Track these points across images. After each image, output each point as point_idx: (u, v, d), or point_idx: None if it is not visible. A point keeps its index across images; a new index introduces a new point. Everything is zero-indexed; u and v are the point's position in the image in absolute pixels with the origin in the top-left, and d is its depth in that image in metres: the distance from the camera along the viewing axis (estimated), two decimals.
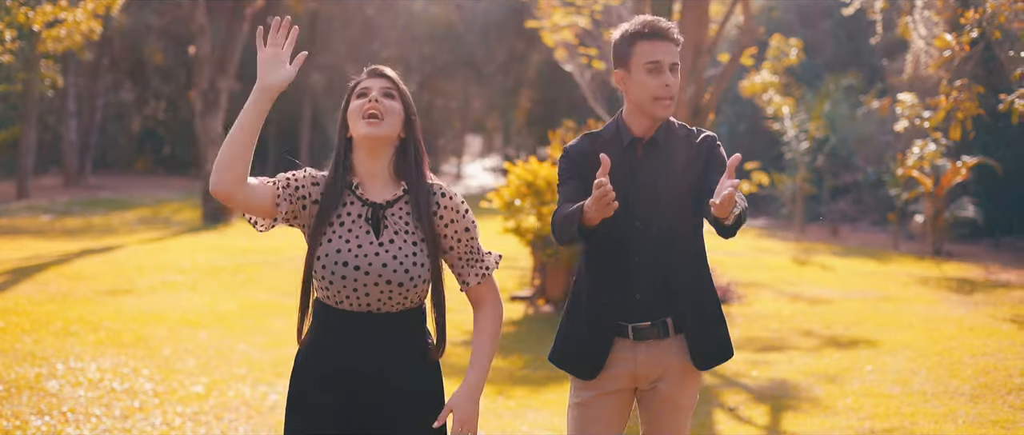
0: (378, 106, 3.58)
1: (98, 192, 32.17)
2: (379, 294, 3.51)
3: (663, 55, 3.93)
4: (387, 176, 3.64)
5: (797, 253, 19.05)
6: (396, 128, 3.62)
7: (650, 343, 4.06)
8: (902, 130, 17.08)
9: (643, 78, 3.96)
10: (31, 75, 29.28)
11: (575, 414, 4.17)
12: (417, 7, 41.85)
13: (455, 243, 3.65)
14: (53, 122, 39.74)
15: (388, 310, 3.54)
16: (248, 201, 3.53)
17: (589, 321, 4.10)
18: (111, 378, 8.39)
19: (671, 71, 3.94)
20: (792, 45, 22.06)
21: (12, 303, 11.68)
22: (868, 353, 10.04)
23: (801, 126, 23.49)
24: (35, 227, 21.47)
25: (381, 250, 3.53)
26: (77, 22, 26.54)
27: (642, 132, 4.04)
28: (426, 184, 3.65)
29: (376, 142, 3.59)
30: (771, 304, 13.03)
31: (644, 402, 4.17)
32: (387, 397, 3.56)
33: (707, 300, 4.10)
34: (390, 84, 3.66)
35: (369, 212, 3.60)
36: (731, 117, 30.94)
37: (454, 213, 3.64)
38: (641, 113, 4.02)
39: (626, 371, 4.09)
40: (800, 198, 23.41)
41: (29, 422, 7.00)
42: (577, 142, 4.15)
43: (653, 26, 3.96)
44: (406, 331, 3.59)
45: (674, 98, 3.97)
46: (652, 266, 3.99)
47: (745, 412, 8.04)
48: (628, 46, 4.00)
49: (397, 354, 3.57)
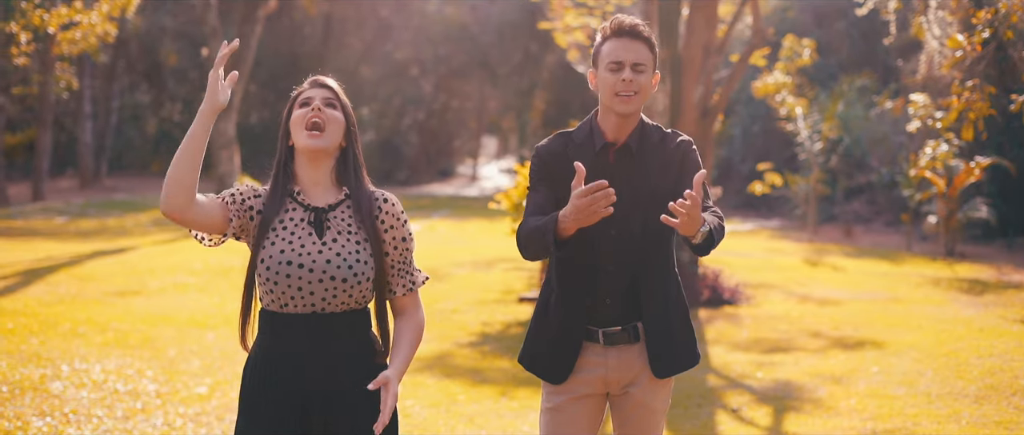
0: (320, 115, 3.64)
1: (113, 194, 32.30)
2: (323, 292, 3.54)
3: (625, 54, 3.94)
4: (329, 183, 3.70)
5: (809, 254, 19.00)
6: (337, 138, 3.67)
7: (620, 348, 4.06)
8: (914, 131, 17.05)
9: (605, 75, 3.97)
10: (47, 78, 29.38)
11: (547, 419, 4.16)
12: (431, 8, 41.89)
13: (392, 250, 3.70)
14: (70, 124, 39.90)
15: (333, 310, 3.58)
16: (199, 218, 3.57)
17: (559, 326, 4.08)
18: (115, 379, 8.42)
19: (634, 69, 3.94)
20: (805, 46, 22.03)
21: (21, 304, 11.73)
22: (875, 354, 10.01)
23: (814, 127, 23.44)
24: (49, 229, 21.56)
25: (325, 248, 3.58)
26: (92, 25, 26.70)
27: (614, 135, 4.02)
28: (367, 189, 3.71)
29: (318, 153, 3.64)
30: (780, 305, 13.00)
31: (616, 406, 4.16)
32: (335, 400, 3.59)
33: (672, 307, 4.08)
34: (332, 95, 3.71)
35: (312, 216, 3.65)
36: (745, 118, 30.89)
37: (394, 220, 3.70)
38: (607, 111, 4.02)
39: (597, 376, 4.08)
40: (813, 199, 23.36)
41: (30, 423, 7.03)
42: (549, 143, 4.13)
43: (618, 26, 3.99)
44: (352, 333, 3.63)
45: (638, 94, 3.95)
46: (623, 272, 3.98)
47: (748, 413, 8.02)
48: (599, 47, 4.04)
49: (343, 356, 3.60)
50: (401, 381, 3.64)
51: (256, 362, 3.65)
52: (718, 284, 13.18)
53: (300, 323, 3.57)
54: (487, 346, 10.52)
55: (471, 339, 10.91)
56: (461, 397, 8.41)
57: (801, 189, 23.86)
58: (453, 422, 7.71)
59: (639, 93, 3.96)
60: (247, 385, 3.66)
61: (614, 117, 4.00)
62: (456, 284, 14.20)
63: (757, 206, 29.52)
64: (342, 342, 3.60)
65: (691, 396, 8.50)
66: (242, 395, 3.68)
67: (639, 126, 4.05)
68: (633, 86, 3.93)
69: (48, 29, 26.69)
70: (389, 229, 3.68)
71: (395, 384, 3.53)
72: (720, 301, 12.95)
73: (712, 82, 13.62)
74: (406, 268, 3.74)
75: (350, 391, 3.60)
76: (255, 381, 3.64)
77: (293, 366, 3.58)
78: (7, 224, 22.39)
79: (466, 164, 50.15)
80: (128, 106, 42.61)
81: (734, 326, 11.66)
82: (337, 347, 3.60)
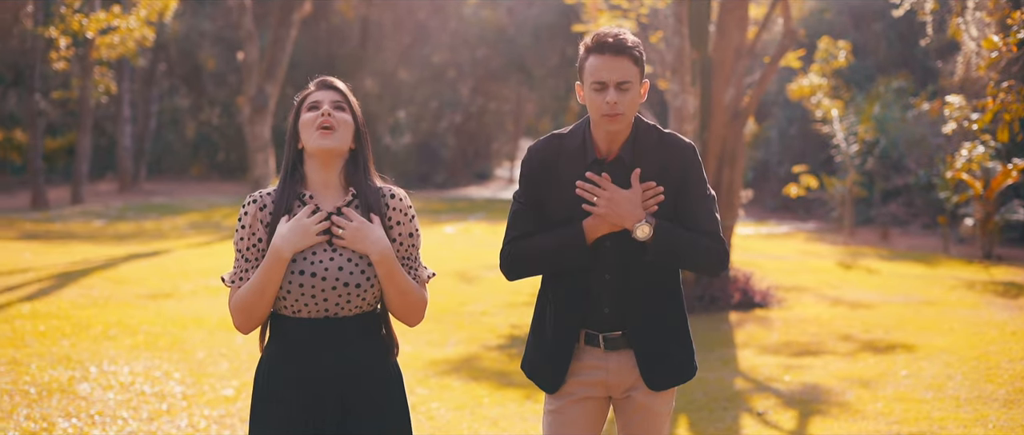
0: (330, 119, 3.63)
1: (152, 197, 32.52)
2: (337, 298, 3.56)
3: (607, 74, 3.86)
4: (338, 185, 3.70)
5: (844, 257, 18.89)
6: (348, 140, 3.68)
7: (621, 352, 4.04)
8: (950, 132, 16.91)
9: (590, 95, 3.92)
10: (86, 82, 29.64)
11: (549, 421, 4.16)
12: (468, 11, 41.92)
13: (399, 246, 3.68)
14: (109, 128, 40.22)
15: (345, 314, 3.60)
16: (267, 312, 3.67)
17: (553, 335, 4.08)
18: (142, 381, 8.48)
19: (618, 88, 3.86)
20: (840, 47, 21.89)
21: (55, 307, 11.83)
22: (904, 358, 9.94)
23: (850, 129, 23.29)
24: (87, 232, 21.73)
25: (335, 255, 3.58)
26: (130, 29, 26.88)
27: (607, 146, 3.98)
28: (375, 187, 3.72)
29: (330, 154, 3.65)
30: (811, 308, 12.92)
31: (619, 410, 4.15)
32: (349, 400, 3.60)
33: (670, 318, 4.05)
34: (340, 97, 3.72)
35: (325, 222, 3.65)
36: (781, 120, 30.74)
37: (401, 215, 3.70)
38: (596, 126, 3.98)
39: (597, 379, 4.06)
40: (849, 201, 23.21)
41: (56, 424, 7.09)
42: (542, 147, 4.08)
43: (601, 41, 3.89)
44: (364, 334, 3.64)
45: (623, 115, 3.89)
46: (621, 282, 3.96)
47: (773, 417, 7.98)
48: (583, 60, 3.96)
49: (356, 357, 3.61)
50: (384, 264, 3.62)
51: (268, 367, 3.67)
52: (749, 287, 13.13)
53: (313, 327, 3.59)
54: (515, 349, 10.52)
55: (499, 342, 10.92)
56: (486, 400, 8.41)
57: (837, 191, 23.71)
58: (477, 425, 7.72)
59: (626, 112, 3.90)
60: (259, 389, 3.68)
61: (604, 131, 3.97)
62: (486, 287, 14.21)
63: (794, 208, 29.35)
64: (355, 344, 3.62)
65: (717, 399, 8.48)
66: (254, 399, 3.70)
67: (632, 132, 4.00)
68: (618, 108, 3.87)
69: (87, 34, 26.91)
70: (396, 224, 3.69)
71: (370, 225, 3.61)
72: (751, 304, 12.89)
73: (743, 84, 13.55)
74: (412, 263, 3.74)
75: (364, 392, 3.61)
76: (267, 386, 3.65)
77: (306, 370, 3.59)
78: (46, 227, 22.60)
79: (503, 167, 50.10)
80: (167, 110, 42.88)
81: (764, 329, 11.60)
82: (350, 349, 3.61)
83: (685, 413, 8.09)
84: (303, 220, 3.57)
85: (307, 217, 3.58)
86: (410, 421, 3.74)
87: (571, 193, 3.95)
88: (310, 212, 3.59)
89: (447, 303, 12.94)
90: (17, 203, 29.90)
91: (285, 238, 3.54)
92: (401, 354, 9.98)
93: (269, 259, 3.54)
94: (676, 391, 4.27)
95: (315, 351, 3.59)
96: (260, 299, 3.57)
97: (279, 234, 3.55)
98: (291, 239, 3.54)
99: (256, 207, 3.69)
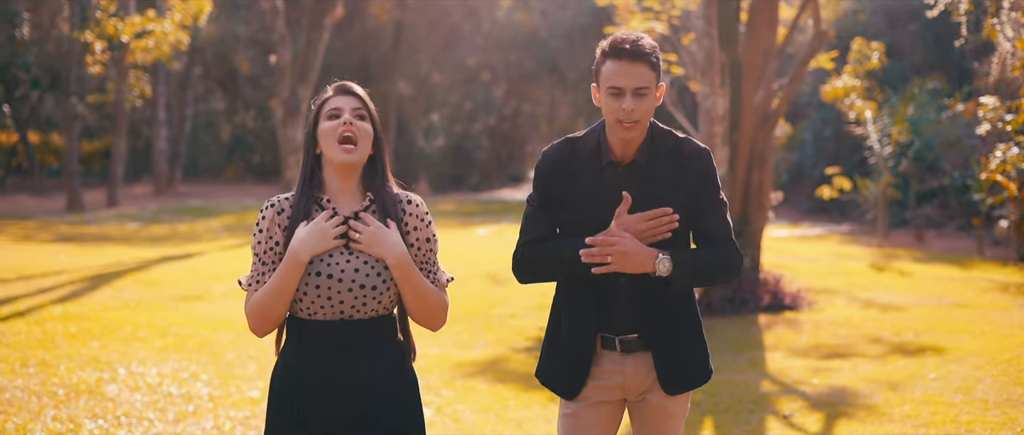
0: (352, 129, 3.62)
1: (187, 200, 32.72)
2: (352, 300, 3.56)
3: (625, 80, 3.83)
4: (356, 191, 3.70)
5: (877, 259, 18.77)
6: (368, 150, 3.68)
7: (638, 355, 4.03)
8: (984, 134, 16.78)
9: (606, 100, 3.89)
10: (121, 86, 29.86)
11: (563, 424, 4.16)
12: (501, 14, 41.96)
13: (416, 252, 3.67)
14: (145, 131, 40.51)
15: (361, 317, 3.59)
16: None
17: (569, 342, 4.07)
18: (170, 382, 8.53)
19: (635, 95, 3.84)
20: (874, 49, 21.76)
21: (86, 309, 11.92)
22: (934, 360, 9.86)
23: (884, 130, 23.15)
24: (121, 234, 21.88)
25: (352, 257, 3.59)
26: (165, 33, 27.09)
27: (621, 151, 3.96)
28: (392, 193, 3.71)
29: (352, 167, 3.64)
30: (842, 310, 12.86)
31: (635, 412, 4.14)
32: (365, 403, 3.60)
33: (684, 322, 4.04)
34: (360, 104, 3.69)
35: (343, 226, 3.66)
36: (816, 122, 30.59)
37: (417, 221, 3.69)
38: (611, 129, 3.96)
39: (614, 383, 4.06)
40: (883, 203, 23.07)
41: (83, 425, 7.14)
42: (556, 151, 4.07)
43: (619, 46, 3.86)
44: (380, 336, 3.64)
45: (640, 122, 3.88)
46: (636, 284, 3.93)
47: (798, 419, 7.95)
48: (599, 64, 3.94)
49: (372, 360, 3.61)
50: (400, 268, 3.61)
51: (284, 368, 3.68)
52: (779, 289, 13.07)
53: (329, 330, 3.59)
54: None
55: (527, 344, 10.92)
56: (511, 402, 8.42)
57: (871, 193, 23.57)
58: (502, 427, 7.72)
59: (642, 119, 3.89)
60: (274, 390, 3.69)
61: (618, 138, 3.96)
62: (515, 289, 14.19)
63: (828, 211, 29.21)
64: (371, 347, 3.62)
65: (743, 401, 8.45)
66: (269, 400, 3.71)
67: (649, 137, 3.98)
68: (635, 115, 3.85)
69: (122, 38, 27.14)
70: (413, 230, 3.68)
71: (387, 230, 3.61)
72: (781, 306, 12.84)
73: (772, 86, 13.50)
74: (429, 268, 3.73)
75: (378, 395, 3.62)
76: (282, 387, 3.66)
77: (322, 373, 3.60)
78: (81, 230, 22.78)
79: None
80: (202, 113, 43.15)
81: (793, 331, 11.55)
82: (366, 352, 3.62)
83: (711, 415, 8.07)
84: (321, 224, 3.58)
85: (325, 221, 3.59)
86: (424, 426, 3.73)
87: (585, 196, 3.94)
88: (328, 216, 3.60)
89: (477, 305, 12.96)
90: (53, 205, 30.14)
91: (303, 241, 3.56)
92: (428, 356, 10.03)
93: (287, 262, 3.55)
94: (693, 393, 4.26)
95: (330, 353, 3.60)
96: (277, 301, 3.58)
97: (297, 237, 3.56)
98: (309, 242, 3.55)
99: (273, 211, 3.71)
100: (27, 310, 11.76)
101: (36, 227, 23.21)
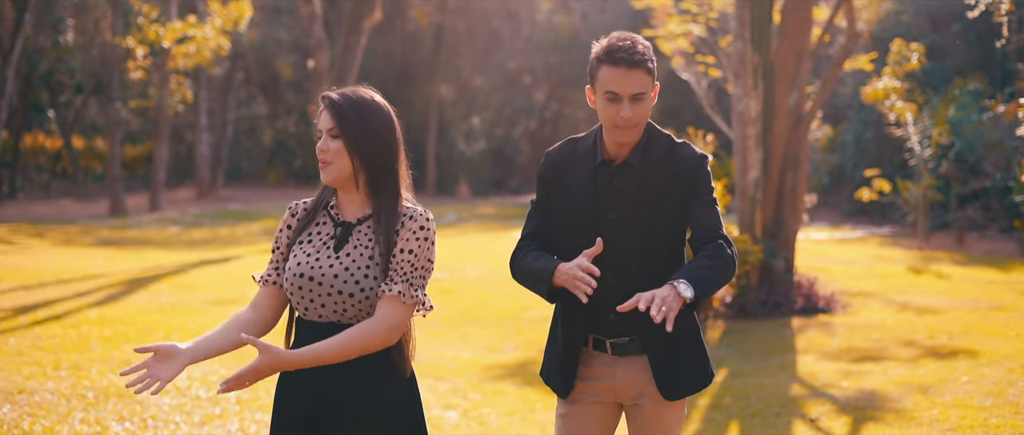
0: (325, 154, 3.63)
1: (228, 204, 32.94)
2: (334, 305, 3.58)
3: (622, 86, 3.82)
4: (360, 200, 3.70)
5: (916, 262, 18.62)
6: (345, 166, 3.63)
7: (629, 359, 4.03)
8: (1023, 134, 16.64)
9: (602, 104, 3.88)
10: (162, 91, 30.12)
11: (559, 425, 4.17)
12: (541, 17, 41.98)
13: (398, 252, 3.62)
14: (189, 137, 40.83)
15: (349, 321, 3.60)
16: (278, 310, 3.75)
17: (564, 339, 4.09)
18: (198, 386, 8.59)
19: (632, 101, 3.83)
20: (913, 49, 21.61)
21: (122, 312, 12.03)
22: (967, 364, 9.78)
23: (924, 132, 22.98)
24: (162, 238, 22.07)
25: (335, 263, 3.60)
26: (206, 38, 27.31)
27: (615, 151, 3.96)
28: (395, 206, 3.66)
29: (337, 183, 3.66)
30: (877, 314, 12.77)
31: (629, 417, 4.13)
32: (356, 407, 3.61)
33: (682, 328, 3.99)
34: (334, 123, 3.65)
35: (339, 231, 3.68)
36: (857, 124, 30.39)
37: (408, 232, 3.60)
38: (608, 133, 3.97)
39: (605, 385, 4.06)
40: (923, 205, 22.90)
41: (109, 427, 7.21)
42: (558, 150, 4.10)
43: (615, 53, 3.84)
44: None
45: (637, 127, 3.88)
46: (626, 288, 3.89)
47: (826, 423, 7.91)
48: (595, 68, 3.91)
49: (363, 364, 3.61)
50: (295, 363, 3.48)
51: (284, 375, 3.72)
52: (813, 292, 13.00)
53: (318, 331, 3.62)
54: None
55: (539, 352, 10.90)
56: (538, 405, 8.43)
57: (912, 196, 23.41)
58: (527, 430, 7.73)
59: (639, 124, 3.89)
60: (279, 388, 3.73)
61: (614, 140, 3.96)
62: None
63: (869, 213, 29.01)
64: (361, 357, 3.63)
65: (771, 405, 8.41)
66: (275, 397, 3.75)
67: (644, 139, 3.97)
68: (632, 120, 3.85)
69: (163, 43, 27.38)
70: (402, 240, 3.65)
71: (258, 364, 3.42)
72: (814, 309, 12.77)
73: (806, 88, 13.43)
74: (400, 276, 3.59)
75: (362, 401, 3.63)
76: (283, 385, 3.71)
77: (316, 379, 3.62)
78: (122, 234, 22.99)
79: None
80: (245, 118, 43.42)
81: (826, 335, 11.49)
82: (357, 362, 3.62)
83: (737, 419, 8.04)
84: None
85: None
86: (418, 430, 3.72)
87: (577, 194, 3.96)
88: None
89: (509, 308, 12.97)
90: (97, 210, 30.44)
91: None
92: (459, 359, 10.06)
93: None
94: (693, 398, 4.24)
95: None
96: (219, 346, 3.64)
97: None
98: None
99: (289, 213, 3.78)
100: (64, 314, 11.89)
101: (78, 231, 23.44)
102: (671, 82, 40.50)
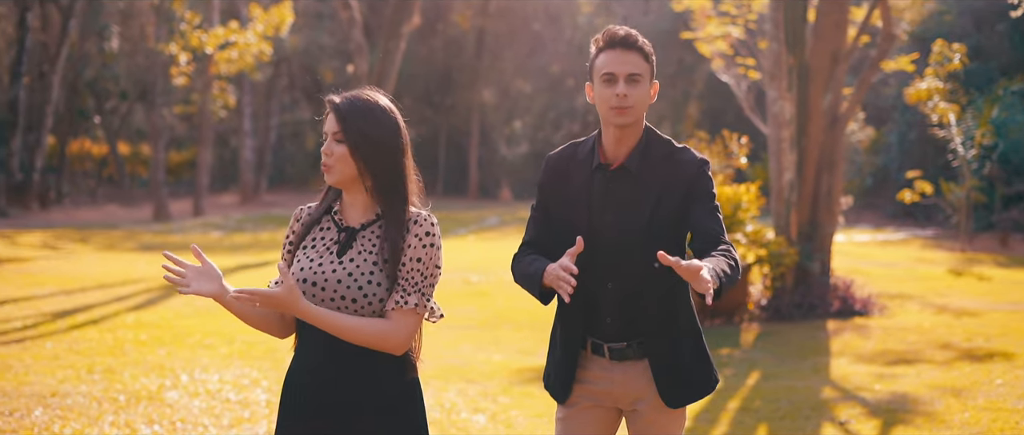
0: (328, 158, 3.63)
1: (271, 209, 33.13)
2: (336, 309, 3.55)
3: (618, 66, 3.85)
4: (365, 205, 3.68)
5: (957, 263, 18.46)
6: (348, 170, 3.61)
7: (627, 364, 3.99)
8: None
9: (600, 89, 3.89)
10: (205, 96, 30.36)
11: (559, 429, 4.15)
12: (582, 20, 41.97)
13: (407, 261, 3.60)
14: (233, 142, 41.12)
15: None
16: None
17: (563, 343, 4.07)
18: (229, 389, 8.65)
19: (628, 81, 3.84)
20: (955, 50, 21.42)
21: (158, 317, 12.14)
22: (1002, 366, 9.69)
23: (967, 133, 22.77)
24: (204, 243, 22.22)
25: (339, 268, 3.57)
26: (248, 44, 27.49)
27: (613, 152, 3.95)
28: (402, 211, 3.64)
29: (341, 186, 3.65)
30: (914, 316, 12.66)
31: (629, 423, 4.10)
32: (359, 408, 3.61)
33: (680, 332, 3.98)
34: (338, 127, 3.65)
35: (343, 236, 3.66)
36: (901, 125, 30.18)
37: (415, 239, 3.58)
38: (607, 125, 3.95)
39: (602, 390, 4.03)
40: (966, 207, 22.70)
41: (138, 430, 7.27)
42: (558, 153, 4.10)
43: (610, 37, 3.90)
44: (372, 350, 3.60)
45: (634, 107, 3.87)
46: (625, 293, 3.89)
47: (855, 426, 7.85)
48: (593, 59, 3.95)
49: (366, 368, 3.61)
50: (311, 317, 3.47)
51: (291, 369, 3.72)
52: (849, 294, 12.92)
53: (323, 337, 3.61)
54: None
55: None
56: None
57: (955, 197, 23.21)
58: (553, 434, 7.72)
59: (635, 106, 3.88)
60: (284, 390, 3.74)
61: (613, 130, 3.93)
62: None
63: (913, 214, 28.81)
64: (363, 358, 3.63)
65: (801, 408, 8.36)
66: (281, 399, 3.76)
67: (642, 142, 3.96)
68: (628, 100, 3.84)
69: (206, 49, 27.59)
70: (408, 247, 3.64)
71: (276, 292, 3.43)
72: (851, 312, 12.69)
73: (842, 90, 13.33)
74: (412, 287, 3.59)
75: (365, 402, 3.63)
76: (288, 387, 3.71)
77: (317, 378, 3.63)
78: (165, 238, 23.17)
79: None
80: (288, 123, 43.69)
81: (861, 337, 11.41)
82: (358, 362, 3.62)
83: (766, 422, 8.00)
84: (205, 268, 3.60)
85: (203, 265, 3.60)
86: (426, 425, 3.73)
87: (574, 198, 3.95)
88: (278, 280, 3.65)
89: (543, 311, 12.96)
90: (141, 215, 30.71)
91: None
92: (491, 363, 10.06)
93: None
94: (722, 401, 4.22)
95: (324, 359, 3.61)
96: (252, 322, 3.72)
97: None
98: (202, 286, 3.60)
99: (294, 218, 3.79)
100: (101, 318, 12.01)
101: (121, 236, 23.65)
102: (712, 84, 40.44)
